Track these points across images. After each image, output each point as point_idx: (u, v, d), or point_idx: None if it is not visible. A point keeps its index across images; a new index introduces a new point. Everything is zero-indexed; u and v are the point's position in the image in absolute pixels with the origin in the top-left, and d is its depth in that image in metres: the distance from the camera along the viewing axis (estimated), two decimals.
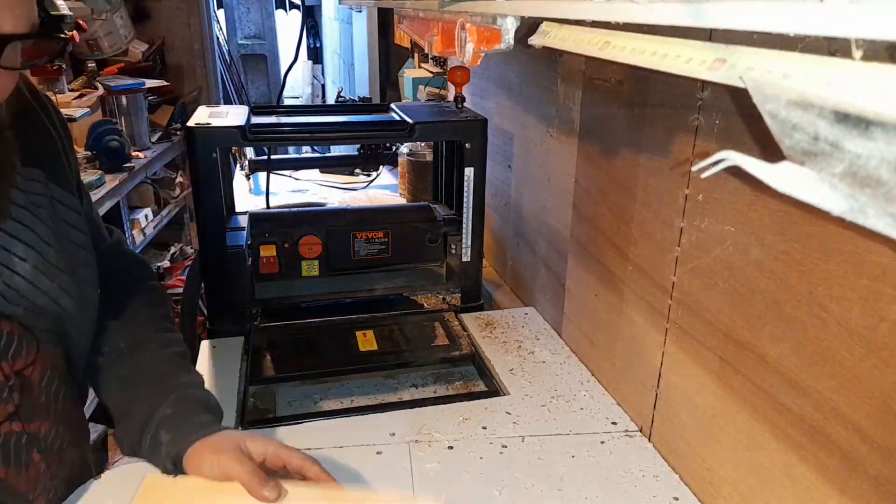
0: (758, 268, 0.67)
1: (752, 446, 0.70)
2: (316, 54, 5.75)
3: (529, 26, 0.67)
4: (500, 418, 0.96)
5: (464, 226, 1.29)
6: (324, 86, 5.59)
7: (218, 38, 4.20)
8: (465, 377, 1.16)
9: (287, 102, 4.71)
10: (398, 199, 2.04)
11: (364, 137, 1.61)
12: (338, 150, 2.46)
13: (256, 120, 1.22)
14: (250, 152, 2.23)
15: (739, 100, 0.67)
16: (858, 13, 0.27)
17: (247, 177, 2.16)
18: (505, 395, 1.03)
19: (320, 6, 5.36)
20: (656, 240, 0.86)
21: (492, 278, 1.56)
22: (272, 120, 1.28)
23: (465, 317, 1.28)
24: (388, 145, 2.02)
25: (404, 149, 1.97)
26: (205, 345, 1.16)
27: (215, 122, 1.13)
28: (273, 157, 1.78)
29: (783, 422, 0.65)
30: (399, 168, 2.04)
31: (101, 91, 2.75)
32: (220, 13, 5.19)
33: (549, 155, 1.22)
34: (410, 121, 1.20)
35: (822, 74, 0.31)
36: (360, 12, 3.19)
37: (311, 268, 1.26)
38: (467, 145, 1.23)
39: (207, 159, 1.11)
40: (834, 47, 0.31)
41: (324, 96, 5.55)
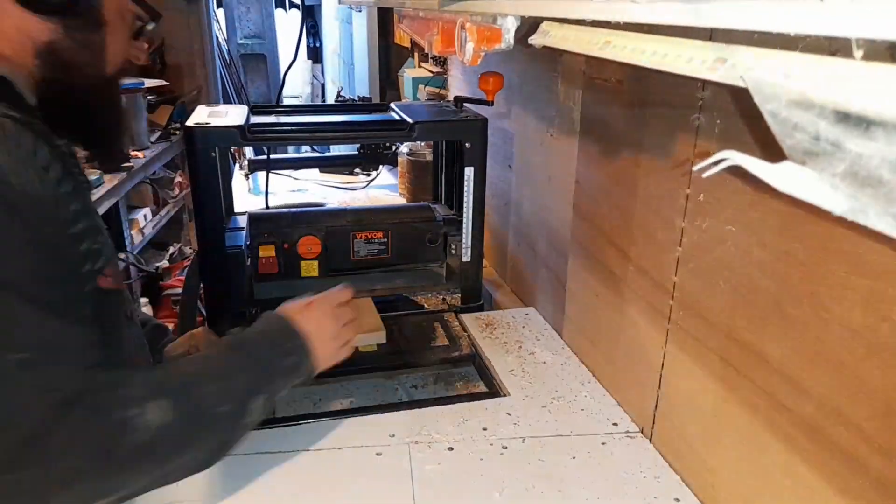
0: (759, 268, 0.67)
1: (754, 447, 0.70)
2: (316, 54, 5.75)
3: (529, 26, 0.67)
4: (501, 419, 0.96)
5: (464, 226, 1.29)
6: (323, 85, 5.59)
7: (217, 38, 4.20)
8: (465, 378, 1.16)
9: (287, 102, 4.71)
10: (398, 199, 2.04)
11: (364, 137, 1.61)
12: (337, 150, 2.45)
13: (256, 119, 1.22)
14: (250, 152, 2.23)
15: (740, 99, 0.67)
16: (859, 13, 0.27)
17: (246, 176, 2.16)
18: (505, 395, 1.03)
19: (320, 6, 5.35)
20: (657, 240, 0.86)
21: (492, 278, 1.56)
22: (272, 119, 1.27)
23: (466, 317, 1.28)
24: (387, 145, 2.02)
25: (404, 149, 1.97)
26: None
27: (214, 122, 1.13)
28: (272, 156, 1.78)
29: (784, 422, 0.65)
30: (399, 168, 2.04)
31: None
32: (220, 13, 5.18)
33: (549, 155, 1.21)
34: (410, 120, 1.20)
35: (823, 74, 0.31)
36: (360, 12, 3.19)
37: (310, 268, 1.25)
38: (467, 145, 1.23)
39: (206, 159, 1.11)
40: (835, 47, 0.31)
41: (323, 96, 5.55)
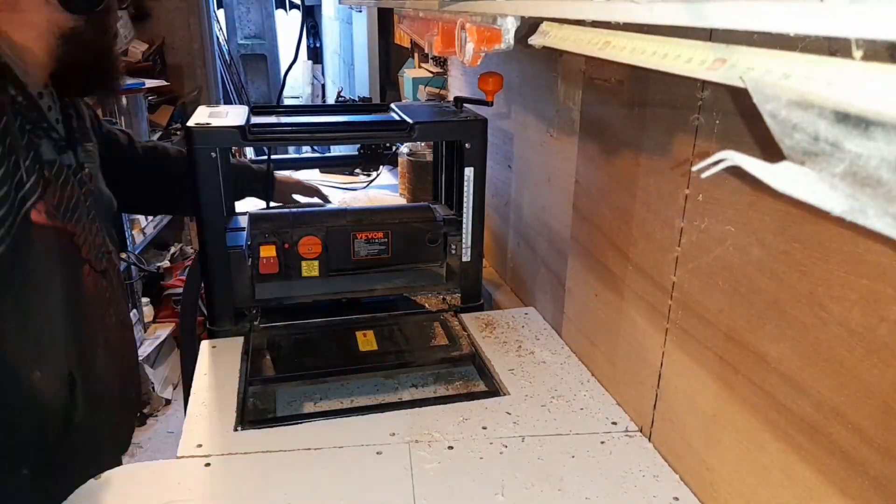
0: (758, 268, 0.67)
1: (753, 446, 0.70)
2: (316, 54, 5.75)
3: (529, 26, 0.67)
4: (501, 418, 0.96)
5: (464, 226, 1.29)
6: (324, 86, 5.59)
7: (218, 38, 4.20)
8: (464, 377, 1.16)
9: (287, 102, 4.71)
10: (398, 199, 2.04)
11: (364, 137, 1.61)
12: (338, 150, 2.45)
13: (256, 120, 1.22)
14: (250, 152, 2.23)
15: (739, 100, 0.67)
16: (858, 13, 0.27)
17: None
18: (505, 395, 1.03)
19: (320, 6, 5.36)
20: (656, 240, 0.86)
21: (492, 278, 1.56)
22: (272, 120, 1.27)
23: (465, 317, 1.28)
24: (387, 145, 2.02)
25: (404, 149, 1.97)
26: (205, 345, 1.16)
27: (215, 122, 1.13)
28: (273, 157, 1.78)
29: (783, 422, 0.65)
30: (399, 168, 2.03)
31: None
32: (220, 13, 5.19)
33: (549, 155, 1.22)
34: (410, 121, 1.20)
35: (823, 74, 0.31)
36: (360, 12, 3.19)
37: (310, 268, 1.26)
38: (467, 145, 1.23)
39: (207, 159, 1.11)
40: (834, 47, 0.31)
41: (324, 96, 5.55)
